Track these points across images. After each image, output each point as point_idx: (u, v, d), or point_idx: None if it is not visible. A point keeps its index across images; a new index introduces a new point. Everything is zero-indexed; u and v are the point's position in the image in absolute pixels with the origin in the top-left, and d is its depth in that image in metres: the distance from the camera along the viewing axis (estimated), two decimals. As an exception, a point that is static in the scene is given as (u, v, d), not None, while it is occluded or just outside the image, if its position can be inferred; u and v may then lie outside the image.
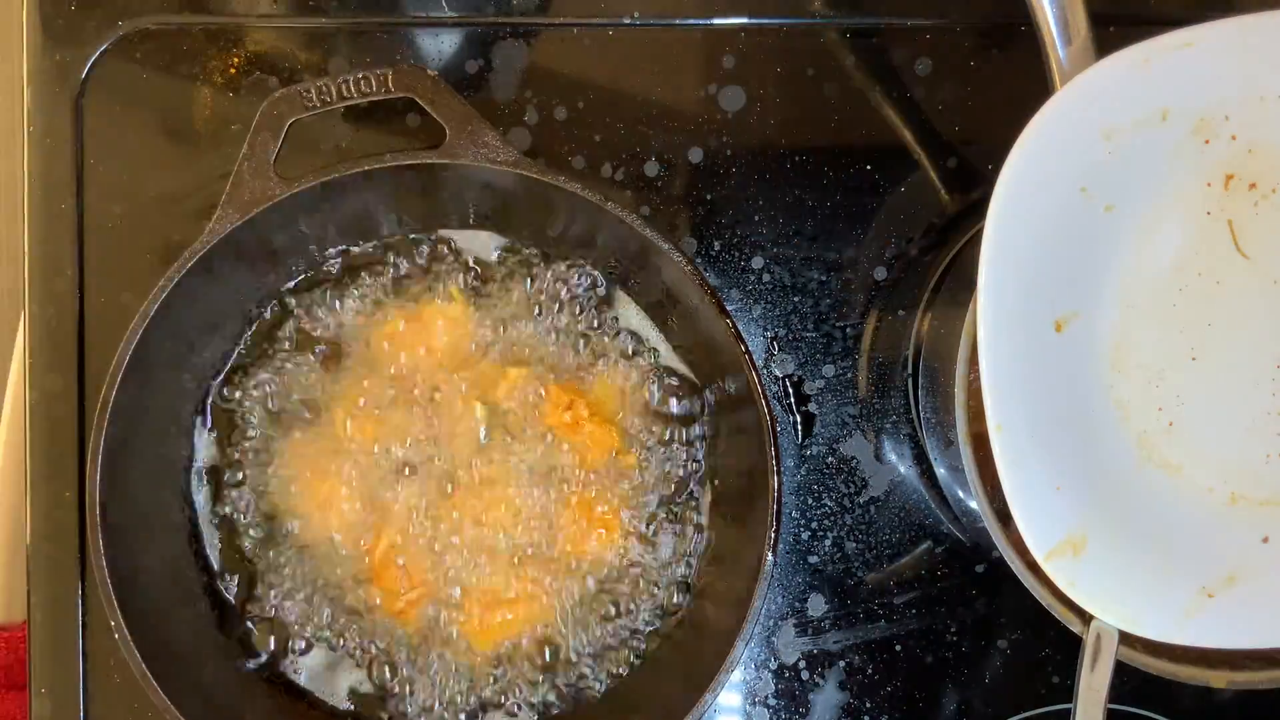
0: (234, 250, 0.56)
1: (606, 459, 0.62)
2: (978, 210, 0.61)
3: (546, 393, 0.61)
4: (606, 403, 0.63)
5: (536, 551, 0.62)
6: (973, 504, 0.56)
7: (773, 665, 0.64)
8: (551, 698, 0.62)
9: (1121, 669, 0.49)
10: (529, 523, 0.62)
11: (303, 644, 0.62)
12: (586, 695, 0.62)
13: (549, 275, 0.63)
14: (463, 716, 0.62)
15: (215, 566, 0.62)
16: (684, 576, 0.63)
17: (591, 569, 0.62)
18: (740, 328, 0.56)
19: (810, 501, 0.65)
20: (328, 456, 0.62)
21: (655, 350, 0.63)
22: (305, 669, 0.62)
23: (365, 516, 0.62)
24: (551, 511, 0.62)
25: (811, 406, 0.65)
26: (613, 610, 0.62)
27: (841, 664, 0.64)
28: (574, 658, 0.62)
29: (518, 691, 0.62)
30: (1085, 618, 0.49)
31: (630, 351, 0.63)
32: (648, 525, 0.62)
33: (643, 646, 0.62)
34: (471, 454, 0.62)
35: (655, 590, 0.62)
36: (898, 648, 0.64)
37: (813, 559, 0.64)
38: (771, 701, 0.64)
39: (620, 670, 0.62)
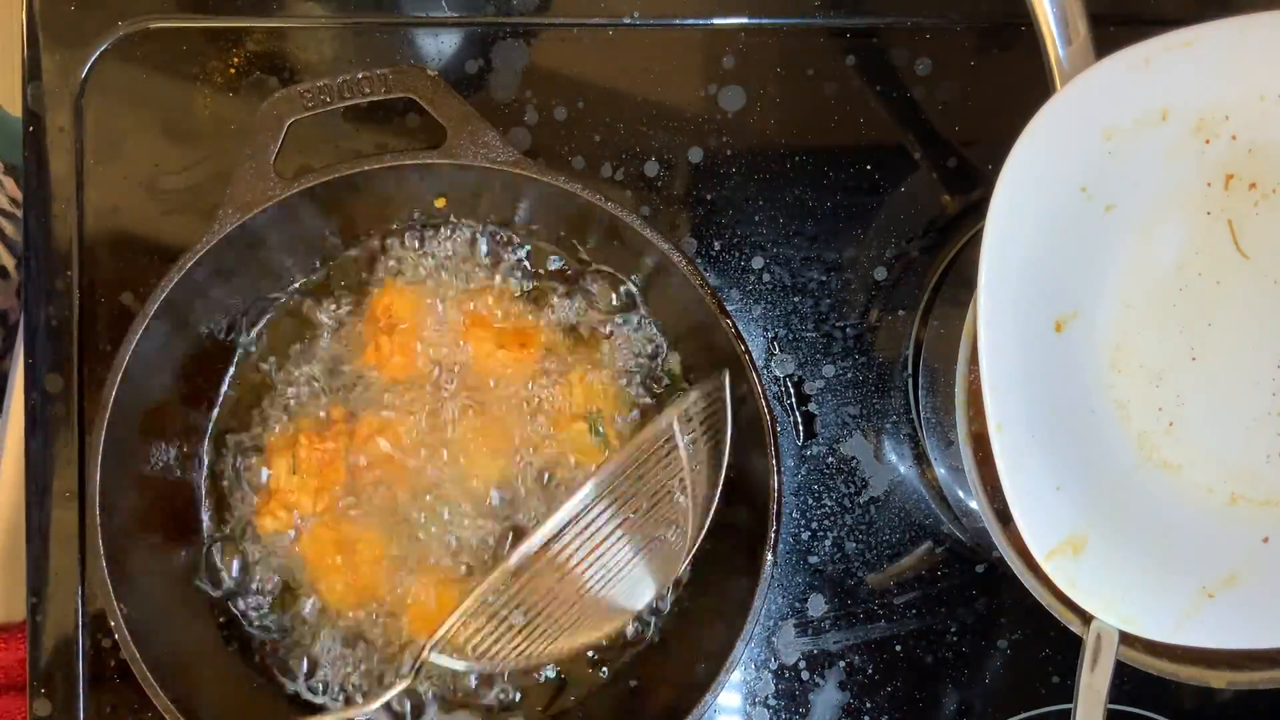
0: (234, 250, 0.56)
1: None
2: (978, 210, 0.61)
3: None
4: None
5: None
6: (973, 504, 0.56)
7: (773, 665, 0.64)
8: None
9: (1121, 669, 0.49)
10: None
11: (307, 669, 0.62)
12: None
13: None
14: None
15: (216, 565, 0.62)
16: (682, 576, 0.63)
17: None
18: (740, 328, 0.56)
19: (810, 501, 0.65)
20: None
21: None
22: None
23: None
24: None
25: (811, 406, 0.65)
26: None
27: (841, 664, 0.64)
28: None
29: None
30: (1085, 618, 0.49)
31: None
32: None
33: (644, 646, 0.62)
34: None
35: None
36: (898, 648, 0.64)
37: (813, 559, 0.64)
38: (771, 701, 0.64)
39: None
